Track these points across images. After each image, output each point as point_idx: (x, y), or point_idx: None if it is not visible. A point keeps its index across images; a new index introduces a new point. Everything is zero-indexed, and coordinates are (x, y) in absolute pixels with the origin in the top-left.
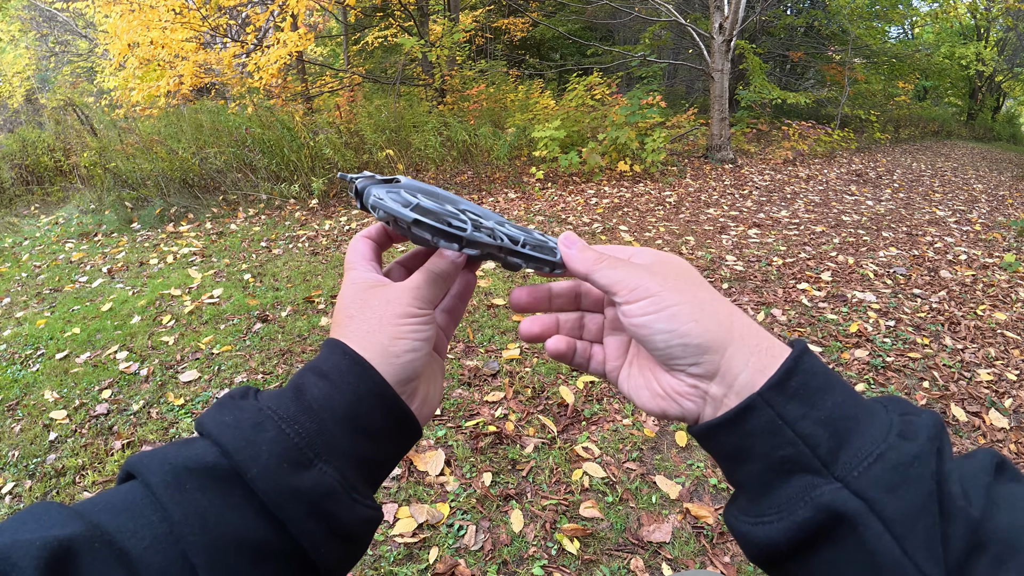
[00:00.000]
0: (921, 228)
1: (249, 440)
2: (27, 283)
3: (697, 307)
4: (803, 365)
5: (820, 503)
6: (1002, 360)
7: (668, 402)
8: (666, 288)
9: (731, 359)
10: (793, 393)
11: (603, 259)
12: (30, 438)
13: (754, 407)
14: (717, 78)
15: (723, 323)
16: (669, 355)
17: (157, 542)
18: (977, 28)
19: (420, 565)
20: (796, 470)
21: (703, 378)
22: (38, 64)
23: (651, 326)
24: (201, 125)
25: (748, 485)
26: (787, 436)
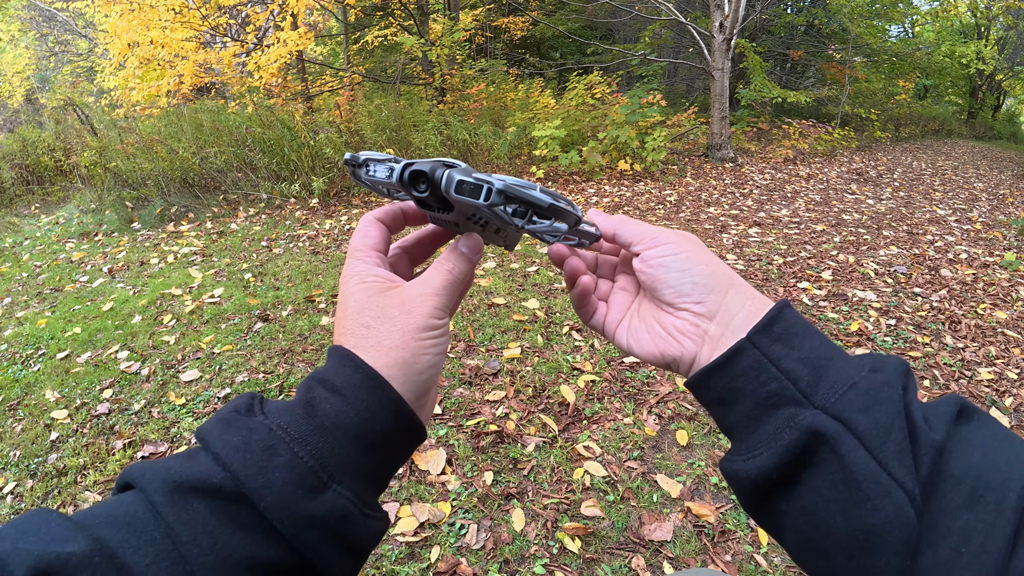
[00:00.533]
0: (922, 227)
1: (260, 466)
2: (28, 283)
3: (706, 256)
4: (785, 314)
5: (802, 425)
6: (1003, 359)
7: (668, 342)
8: (681, 241)
9: (731, 301)
10: (776, 336)
11: (626, 219)
12: (31, 438)
13: (743, 349)
14: (717, 77)
15: (726, 273)
16: (679, 292)
17: (160, 559)
18: (977, 27)
19: (422, 564)
20: (781, 403)
21: (705, 317)
22: (38, 64)
23: (667, 265)
24: (201, 124)
25: (739, 426)
26: (772, 372)
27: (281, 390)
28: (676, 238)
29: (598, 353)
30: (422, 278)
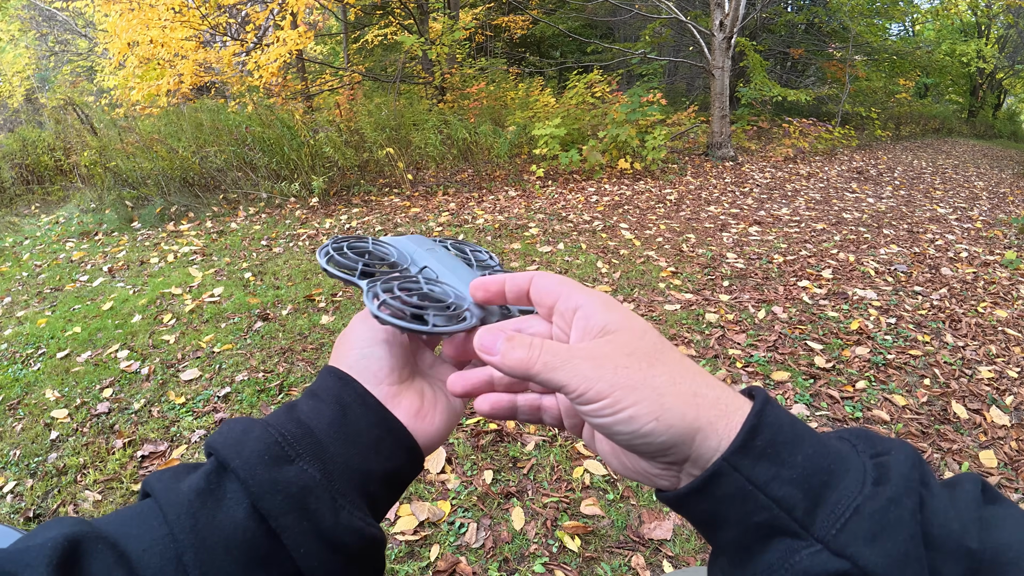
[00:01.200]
0: (922, 225)
1: (237, 440)
2: (28, 282)
3: (656, 402)
4: (767, 419)
5: (800, 569)
6: (1003, 357)
7: (643, 477)
8: (618, 385)
9: (700, 446)
10: (760, 453)
11: (535, 357)
12: (31, 437)
13: (720, 474)
14: (718, 75)
15: (687, 414)
16: (635, 449)
17: (155, 544)
18: (978, 25)
19: (421, 563)
20: (775, 534)
21: (674, 464)
22: (38, 63)
23: (610, 428)
24: (201, 124)
25: (728, 549)
26: (760, 501)
27: (281, 389)
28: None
29: None
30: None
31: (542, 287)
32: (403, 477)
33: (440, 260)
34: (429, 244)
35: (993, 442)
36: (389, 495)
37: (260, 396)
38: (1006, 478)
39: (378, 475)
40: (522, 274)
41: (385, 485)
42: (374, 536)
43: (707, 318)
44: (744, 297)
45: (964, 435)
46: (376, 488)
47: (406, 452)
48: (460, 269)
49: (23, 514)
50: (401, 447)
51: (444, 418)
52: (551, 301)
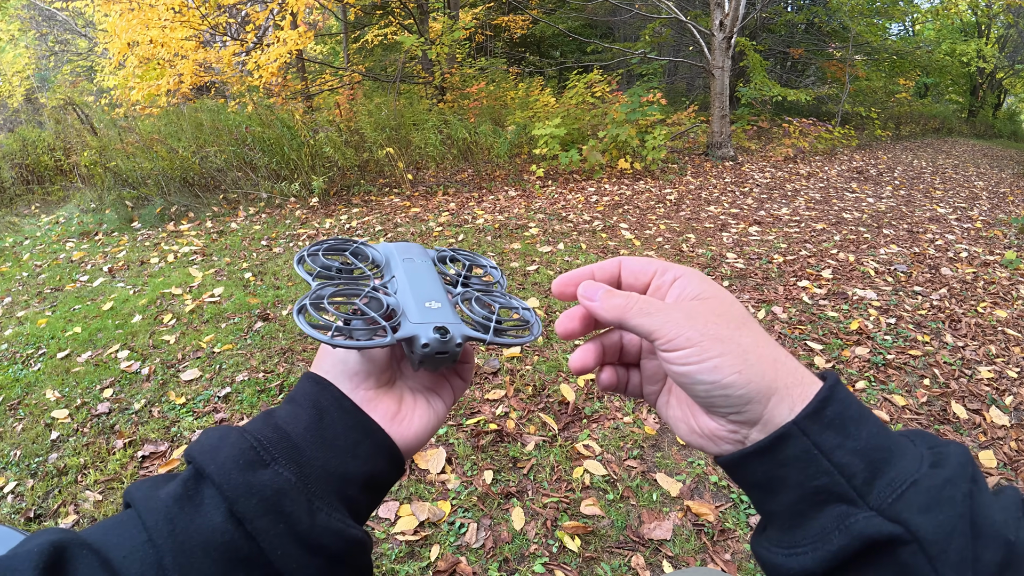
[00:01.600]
0: (922, 225)
1: (213, 446)
2: (28, 282)
3: (740, 357)
4: (837, 394)
5: (856, 531)
6: (1003, 357)
7: (706, 441)
8: (707, 336)
9: (774, 408)
10: (829, 422)
11: (633, 304)
12: (32, 437)
13: (789, 436)
14: (718, 75)
15: (767, 373)
16: (710, 403)
17: (135, 551)
18: (978, 25)
19: (421, 563)
20: (831, 500)
21: (744, 424)
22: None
23: (692, 376)
24: (201, 124)
25: (779, 515)
26: (823, 466)
27: (281, 389)
28: (700, 334)
29: None
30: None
31: (635, 266)
32: (383, 480)
33: (411, 272)
34: (416, 253)
35: (993, 442)
36: (370, 498)
37: (260, 396)
38: (1005, 478)
39: (357, 478)
40: (609, 260)
41: (365, 488)
42: (355, 537)
43: None
44: (744, 297)
45: (964, 435)
46: (355, 491)
47: (385, 455)
48: (427, 285)
49: (24, 514)
50: (379, 450)
51: (423, 422)
52: (647, 277)
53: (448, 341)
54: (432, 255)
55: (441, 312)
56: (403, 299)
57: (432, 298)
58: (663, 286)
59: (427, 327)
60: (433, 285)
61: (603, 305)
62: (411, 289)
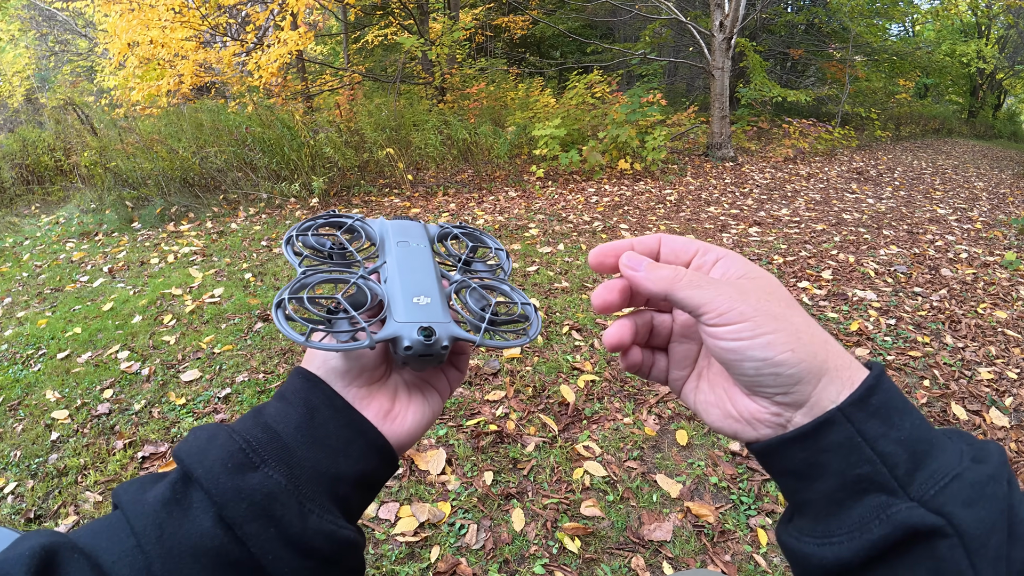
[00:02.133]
0: (922, 226)
1: (201, 448)
2: (28, 283)
3: (793, 335)
4: (884, 384)
5: (898, 520)
6: (1003, 358)
7: (742, 425)
8: (760, 312)
9: (823, 390)
10: (874, 411)
11: (680, 276)
12: (32, 438)
13: (833, 421)
14: (718, 76)
15: (819, 353)
16: (757, 383)
17: (124, 556)
18: (978, 25)
19: (421, 564)
20: (871, 489)
21: (789, 407)
22: (38, 63)
23: (742, 352)
24: (201, 124)
25: (814, 504)
26: (865, 454)
27: None
28: (753, 309)
29: (598, 353)
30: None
31: (676, 244)
32: (376, 478)
33: (404, 259)
34: (413, 234)
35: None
36: (362, 496)
37: (260, 397)
38: None
39: (349, 477)
40: (648, 236)
41: (357, 487)
42: (347, 538)
43: None
44: None
45: None
46: (347, 490)
47: (377, 453)
48: (418, 276)
49: (24, 515)
50: (372, 449)
51: (417, 419)
52: (688, 256)
53: (433, 344)
54: (434, 232)
55: (430, 309)
56: (391, 291)
57: (422, 292)
58: (704, 266)
59: (411, 327)
60: (425, 275)
61: (649, 276)
62: (400, 280)
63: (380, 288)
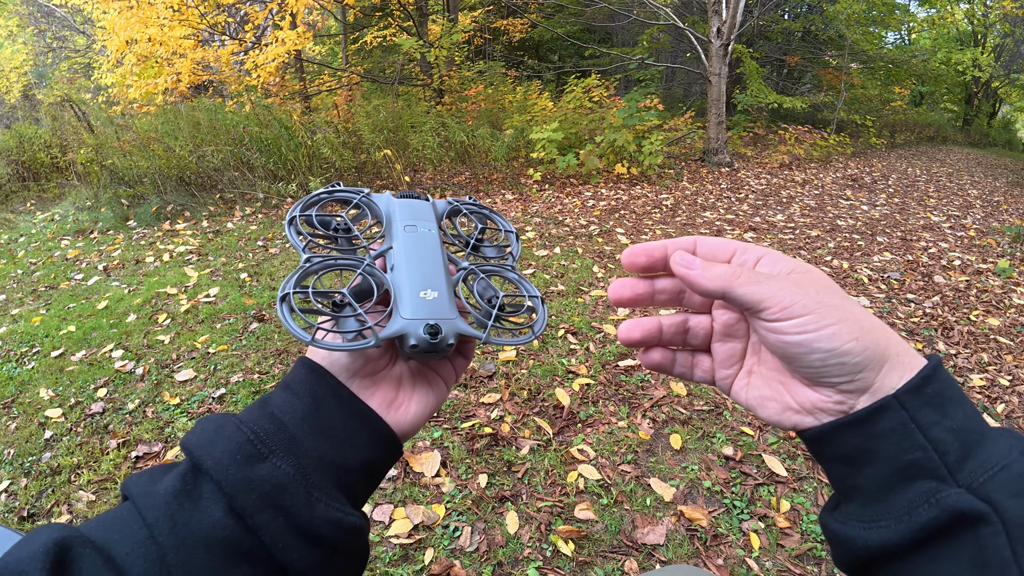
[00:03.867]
0: (916, 233)
1: (210, 439)
2: (22, 280)
3: (856, 324)
4: (940, 374)
5: (946, 504)
6: (995, 365)
7: (802, 416)
8: (822, 304)
9: (886, 376)
10: (929, 399)
11: (739, 273)
12: (25, 436)
13: (888, 408)
14: (715, 82)
15: (880, 340)
16: (823, 373)
17: (138, 547)
18: (974, 34)
19: (416, 566)
20: (921, 475)
21: (853, 393)
22: (35, 60)
23: (808, 344)
24: (198, 123)
25: (863, 489)
26: (918, 440)
27: None
28: (815, 302)
29: (593, 356)
30: None
31: (713, 245)
32: (380, 466)
33: (411, 247)
34: (421, 216)
35: None
36: (367, 484)
37: (255, 397)
38: None
39: (354, 466)
40: (684, 238)
41: (362, 475)
42: (353, 525)
43: None
44: None
45: None
46: (353, 479)
47: (382, 443)
48: (426, 266)
49: (17, 513)
50: (376, 438)
51: (420, 408)
52: (727, 255)
53: (439, 342)
54: (442, 209)
55: (436, 304)
56: (398, 283)
57: (429, 285)
58: (747, 264)
59: (418, 324)
60: (433, 266)
61: (705, 274)
62: (407, 272)
63: (386, 277)
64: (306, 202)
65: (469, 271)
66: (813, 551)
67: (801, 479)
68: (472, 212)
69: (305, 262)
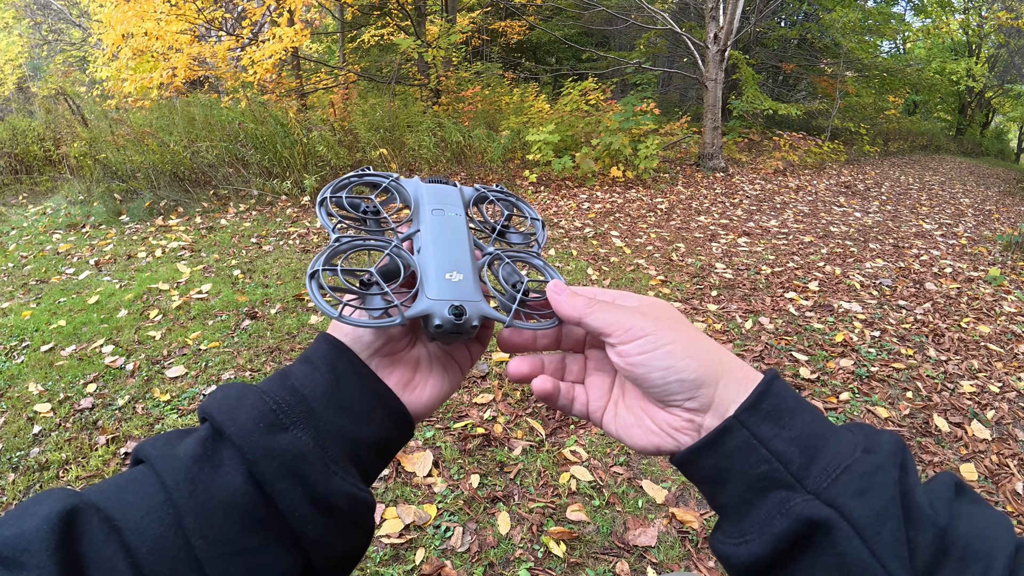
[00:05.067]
0: (908, 240)
1: (232, 407)
2: (13, 273)
3: (690, 344)
4: (774, 389)
5: (794, 513)
6: (985, 372)
7: (663, 438)
8: (659, 327)
9: (723, 391)
10: (765, 414)
11: (594, 303)
12: (14, 431)
13: (730, 428)
14: (711, 87)
15: (714, 358)
16: (666, 391)
17: (153, 511)
18: (969, 44)
19: (406, 566)
20: (772, 487)
21: (698, 411)
22: (30, 52)
23: (648, 364)
24: (193, 118)
25: (729, 507)
26: (762, 454)
27: None
28: (653, 325)
29: None
30: None
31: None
32: (394, 444)
33: (438, 230)
34: (449, 201)
35: (974, 455)
36: (379, 461)
37: None
38: (986, 491)
39: (370, 443)
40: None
41: (376, 452)
42: (365, 500)
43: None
44: (732, 307)
45: (945, 448)
46: (367, 455)
47: (397, 422)
48: (453, 249)
49: (4, 508)
50: (393, 417)
51: (435, 391)
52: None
53: (463, 323)
54: (469, 196)
55: (461, 286)
56: (424, 265)
57: (455, 268)
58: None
59: (443, 305)
60: (460, 249)
61: (568, 301)
62: (434, 254)
63: (413, 259)
64: (336, 184)
65: (495, 256)
66: None
67: None
68: (499, 199)
69: (334, 241)
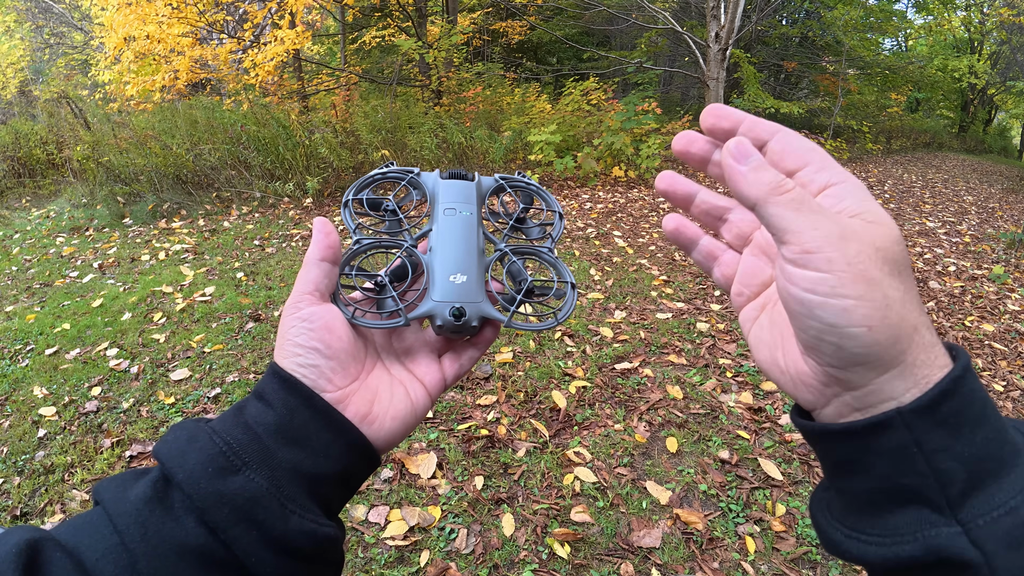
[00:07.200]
0: (911, 239)
1: (181, 450)
2: (17, 277)
3: (880, 309)
4: (963, 387)
5: (933, 545)
6: (989, 371)
7: (786, 378)
8: (853, 267)
9: (888, 383)
10: (942, 420)
11: (785, 189)
12: (19, 434)
13: (890, 425)
14: (712, 86)
15: (901, 339)
16: (814, 345)
17: (108, 553)
18: (971, 41)
19: (411, 568)
20: (914, 501)
21: (839, 383)
22: (32, 56)
23: (810, 307)
24: (196, 121)
25: (851, 496)
26: (918, 467)
27: None
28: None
29: (590, 359)
30: None
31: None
32: (357, 476)
33: (447, 230)
34: (462, 199)
35: None
36: (343, 493)
37: None
38: None
39: (329, 477)
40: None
41: (337, 485)
42: (327, 535)
43: (698, 327)
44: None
45: None
46: (328, 489)
47: (358, 453)
48: (459, 250)
49: (10, 512)
50: (352, 449)
51: (398, 424)
52: (795, 165)
53: (463, 324)
54: (488, 187)
55: (465, 288)
56: (432, 265)
57: (459, 269)
58: (810, 184)
59: (445, 306)
60: (466, 250)
61: (748, 175)
62: (441, 256)
63: (424, 259)
64: (359, 184)
65: (504, 253)
66: (808, 555)
67: (797, 483)
68: (519, 189)
69: (355, 243)
